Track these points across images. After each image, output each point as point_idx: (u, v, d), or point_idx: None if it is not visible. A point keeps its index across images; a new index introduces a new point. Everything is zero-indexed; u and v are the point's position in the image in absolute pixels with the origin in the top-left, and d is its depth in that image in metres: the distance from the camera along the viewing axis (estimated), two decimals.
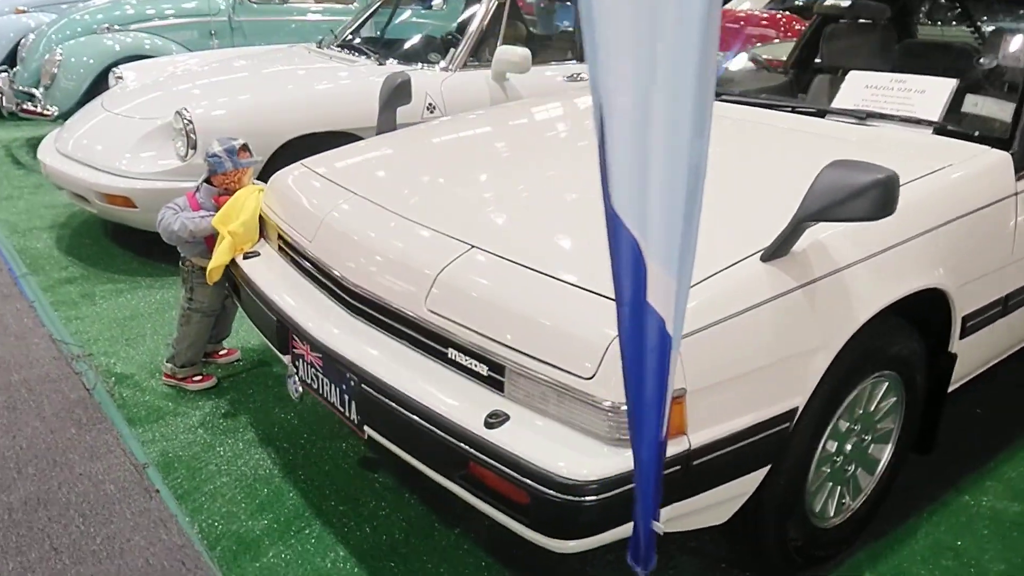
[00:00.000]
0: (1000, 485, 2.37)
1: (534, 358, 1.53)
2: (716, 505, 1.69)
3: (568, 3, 5.27)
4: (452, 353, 1.68)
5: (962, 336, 2.08)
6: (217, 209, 2.47)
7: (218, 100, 3.67)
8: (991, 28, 2.94)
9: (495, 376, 1.61)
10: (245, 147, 2.54)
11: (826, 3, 3.23)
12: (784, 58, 3.87)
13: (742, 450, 1.60)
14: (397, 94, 2.77)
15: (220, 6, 5.90)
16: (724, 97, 2.72)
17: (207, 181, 2.56)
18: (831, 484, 1.97)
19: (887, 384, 1.98)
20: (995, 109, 2.32)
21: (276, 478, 2.30)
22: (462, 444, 1.55)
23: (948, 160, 2.07)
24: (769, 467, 1.71)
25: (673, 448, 1.49)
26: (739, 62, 3.50)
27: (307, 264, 2.14)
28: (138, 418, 2.55)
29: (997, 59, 2.50)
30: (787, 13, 8.44)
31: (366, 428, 1.82)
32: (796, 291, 1.63)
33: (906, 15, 3.69)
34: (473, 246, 1.78)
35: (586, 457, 1.45)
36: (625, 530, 1.49)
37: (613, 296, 1.51)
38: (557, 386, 1.50)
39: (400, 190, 2.15)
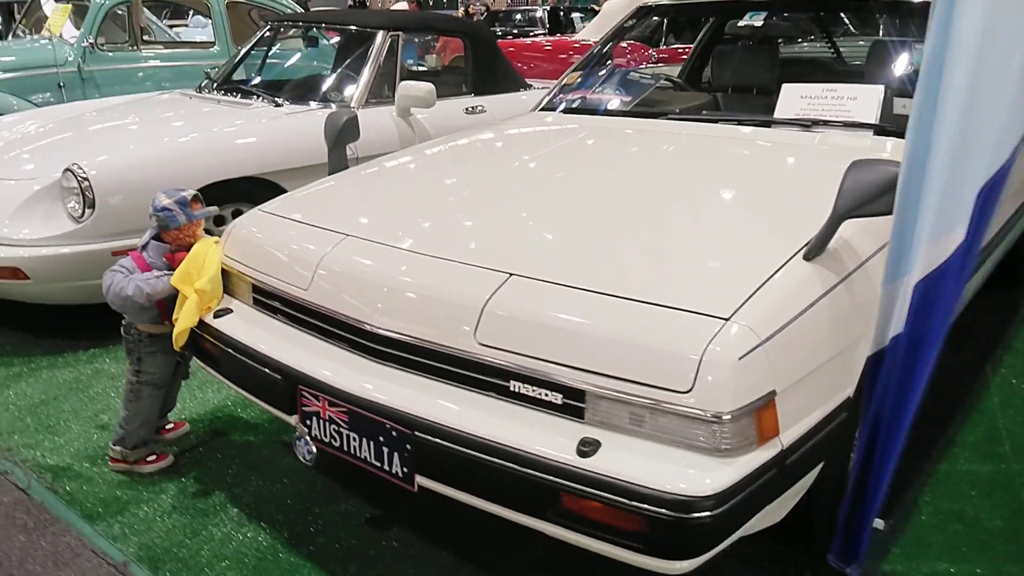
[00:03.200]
0: (966, 450, 2.58)
1: (621, 379, 1.49)
2: (778, 504, 1.71)
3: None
4: (515, 386, 1.60)
5: None
6: (171, 268, 2.23)
7: (114, 154, 3.34)
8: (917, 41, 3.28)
9: (572, 403, 1.55)
10: (196, 197, 2.31)
11: (739, 24, 3.45)
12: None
13: (815, 445, 1.64)
14: (345, 131, 2.65)
15: (68, 56, 5.41)
16: (669, 116, 2.82)
17: (156, 238, 2.31)
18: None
19: None
20: None
21: (283, 553, 2.08)
22: (555, 478, 1.47)
23: (898, 156, 2.25)
24: (826, 459, 1.76)
25: (770, 451, 1.49)
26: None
27: (301, 315, 1.98)
28: (96, 513, 2.23)
29: (916, 63, 2.76)
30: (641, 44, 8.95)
31: (417, 479, 1.69)
32: (839, 285, 1.70)
33: (777, 38, 4.04)
34: (512, 274, 1.71)
35: (699, 472, 1.42)
36: (731, 541, 1.48)
37: (691, 308, 1.54)
38: (651, 405, 1.47)
39: (392, 226, 2.04)
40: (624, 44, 9.37)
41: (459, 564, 2.04)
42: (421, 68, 5.56)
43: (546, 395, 1.57)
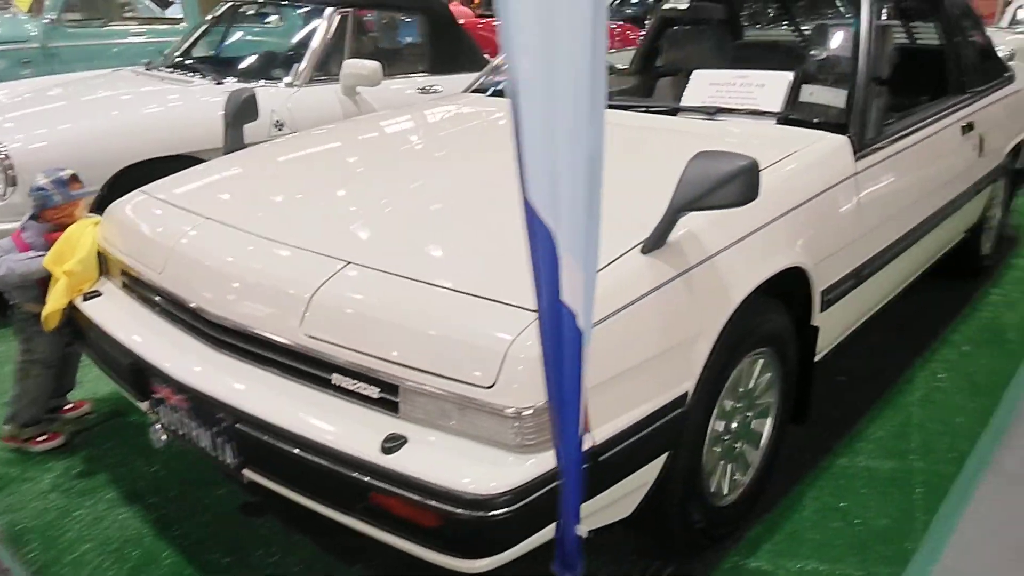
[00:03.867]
0: (871, 445, 2.53)
1: (429, 373, 1.46)
2: (622, 498, 1.68)
3: (409, 20, 5.22)
4: (336, 379, 1.58)
5: (822, 309, 2.20)
6: (49, 248, 2.22)
7: (36, 131, 3.33)
8: (818, 24, 3.16)
9: (388, 397, 1.52)
10: (75, 177, 2.30)
11: (665, 7, 3.36)
12: (621, 66, 4.01)
13: (642, 440, 1.60)
14: (243, 111, 2.61)
15: (31, 32, 5.40)
16: None
17: (33, 218, 2.30)
18: (723, 462, 2.02)
19: (763, 361, 2.05)
20: (831, 97, 2.48)
21: (148, 537, 2.08)
22: (359, 475, 1.45)
23: (794, 147, 2.19)
24: (668, 453, 1.72)
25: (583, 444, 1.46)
26: None
27: (158, 299, 1.96)
28: None
29: (827, 51, 2.68)
30: (621, 23, 8.81)
31: (246, 471, 1.68)
32: (676, 279, 1.65)
33: (734, 18, 3.93)
34: (348, 262, 1.68)
35: (493, 469, 1.39)
36: (538, 540, 1.45)
37: (502, 299, 1.50)
38: (457, 399, 1.44)
39: (255, 210, 2.01)
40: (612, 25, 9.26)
41: (321, 555, 2.03)
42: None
43: (364, 389, 1.55)
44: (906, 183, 2.56)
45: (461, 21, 9.87)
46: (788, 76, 2.47)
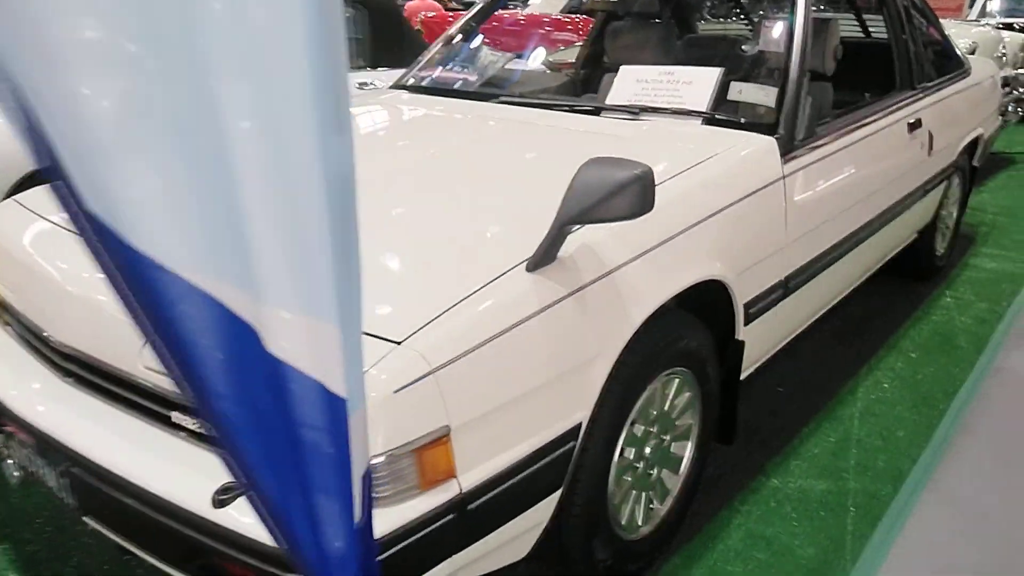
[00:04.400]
0: (805, 463, 2.40)
1: None
2: (513, 540, 1.53)
3: (348, 14, 5.03)
4: (176, 416, 1.41)
5: (747, 322, 2.06)
6: None
7: None
8: (758, 17, 3.03)
9: None
10: None
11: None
12: (571, 60, 3.86)
13: (527, 479, 1.45)
14: None
15: None
16: (502, 99, 2.60)
17: None
18: (636, 492, 1.87)
19: (679, 380, 1.91)
20: (760, 96, 2.34)
21: None
22: (190, 530, 1.28)
23: (715, 149, 2.04)
24: (562, 490, 1.57)
25: (440, 496, 1.30)
26: (523, 63, 3.42)
27: (16, 322, 1.78)
28: None
29: (759, 46, 2.54)
30: (584, 16, 8.67)
31: (86, 518, 1.51)
32: (566, 300, 1.50)
33: (685, 12, 3.78)
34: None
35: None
36: None
37: (366, 331, 1.33)
38: None
39: None
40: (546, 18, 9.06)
41: None
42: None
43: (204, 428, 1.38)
44: (842, 186, 2.42)
45: (431, 14, 9.63)
46: (715, 73, 2.32)
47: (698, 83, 2.33)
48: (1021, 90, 5.74)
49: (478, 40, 3.21)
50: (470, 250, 1.58)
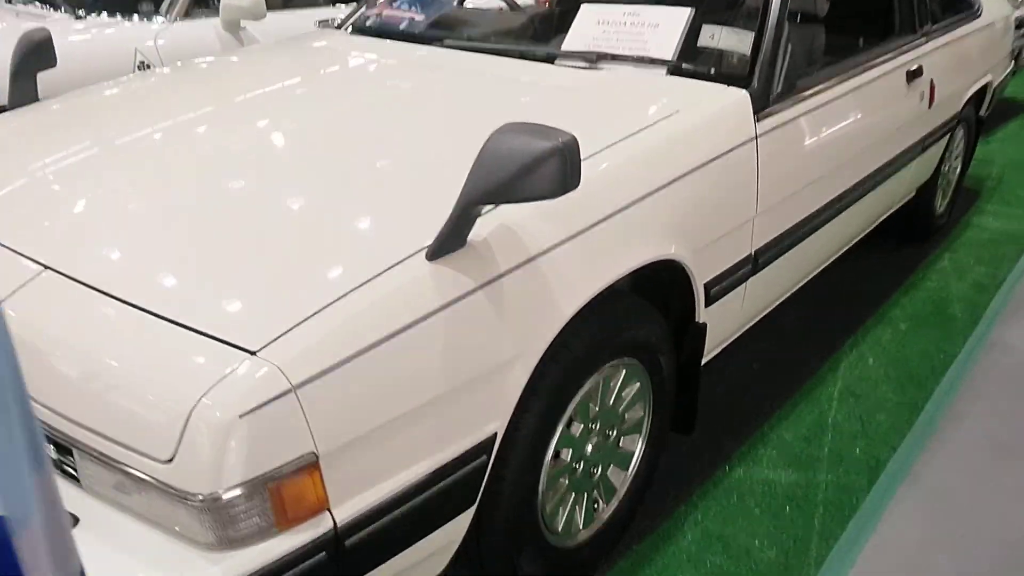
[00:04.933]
0: (774, 452, 2.20)
1: (98, 434, 1.08)
2: (419, 564, 1.34)
3: None
4: None
5: (708, 303, 1.84)
6: None
7: None
8: None
9: (65, 462, 1.15)
10: None
11: None
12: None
13: (425, 503, 1.25)
14: (36, 55, 2.15)
15: None
16: (449, 43, 2.32)
17: None
18: (575, 495, 1.68)
19: (625, 371, 1.70)
20: (735, 41, 2.06)
21: None
22: None
23: (676, 105, 1.78)
24: (475, 507, 1.38)
25: (309, 532, 1.10)
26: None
27: None
28: None
29: None
30: None
31: None
32: (476, 293, 1.27)
33: None
34: (47, 266, 1.29)
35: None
36: None
37: (204, 328, 1.12)
38: (133, 474, 1.07)
39: None
40: None
41: None
42: None
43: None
44: (826, 146, 2.16)
45: None
46: (684, 14, 2.03)
47: (665, 26, 2.05)
48: None
49: None
50: (362, 233, 1.35)
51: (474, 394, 1.28)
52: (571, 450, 1.62)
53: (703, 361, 1.95)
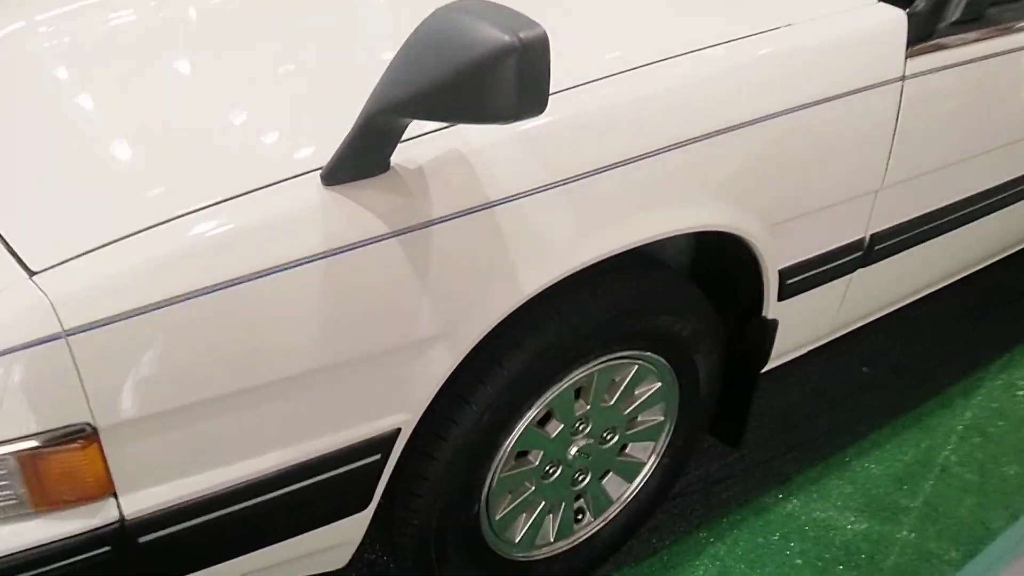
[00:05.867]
0: (851, 487, 1.72)
1: None
2: (295, 562, 1.07)
3: None
4: None
5: (784, 295, 1.37)
6: None
7: None
8: None
9: None
10: None
11: None
12: None
13: (274, 505, 0.95)
14: None
15: None
16: None
17: None
18: (547, 503, 1.33)
19: (638, 368, 1.29)
20: None
21: None
22: None
23: (790, 16, 1.27)
24: (371, 510, 1.07)
25: (87, 519, 0.83)
26: None
27: None
28: None
29: None
30: None
31: None
32: (389, 240, 0.91)
33: None
34: None
35: None
36: None
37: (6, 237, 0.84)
38: None
39: None
40: None
41: None
42: None
43: None
44: (1005, 108, 1.54)
45: None
46: None
47: None
48: None
49: None
50: (244, 144, 1.00)
51: (366, 377, 0.94)
52: (542, 452, 1.26)
53: (770, 366, 1.50)
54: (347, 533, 1.07)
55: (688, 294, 1.28)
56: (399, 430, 1.00)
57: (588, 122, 1.03)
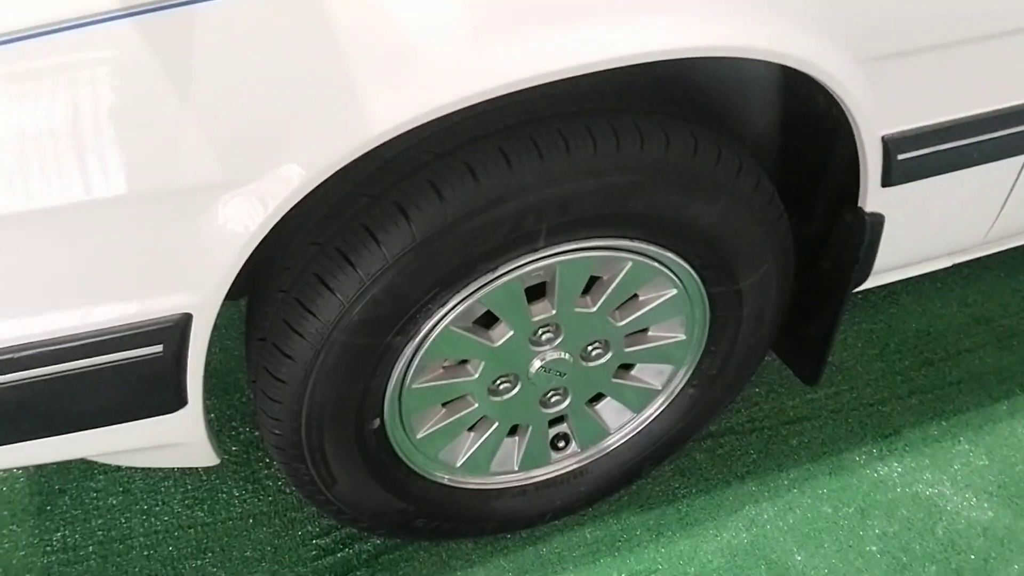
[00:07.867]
0: (958, 463, 1.24)
1: None
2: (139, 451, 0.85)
3: None
4: None
5: (895, 178, 0.88)
6: None
7: None
8: None
9: None
10: None
11: None
12: None
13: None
14: None
15: None
16: None
17: None
18: (498, 423, 1.01)
19: (631, 266, 0.89)
20: None
21: None
22: None
23: None
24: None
25: None
26: None
27: None
28: None
29: None
30: None
31: None
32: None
33: None
34: None
35: None
36: None
37: None
38: None
39: None
40: None
41: None
42: None
43: None
44: None
45: None
46: None
47: None
48: None
49: None
50: None
51: (132, 233, 0.64)
52: (483, 363, 0.92)
53: (873, 283, 1.04)
54: (175, 433, 0.82)
55: (717, 159, 0.83)
56: (188, 316, 0.69)
57: None
